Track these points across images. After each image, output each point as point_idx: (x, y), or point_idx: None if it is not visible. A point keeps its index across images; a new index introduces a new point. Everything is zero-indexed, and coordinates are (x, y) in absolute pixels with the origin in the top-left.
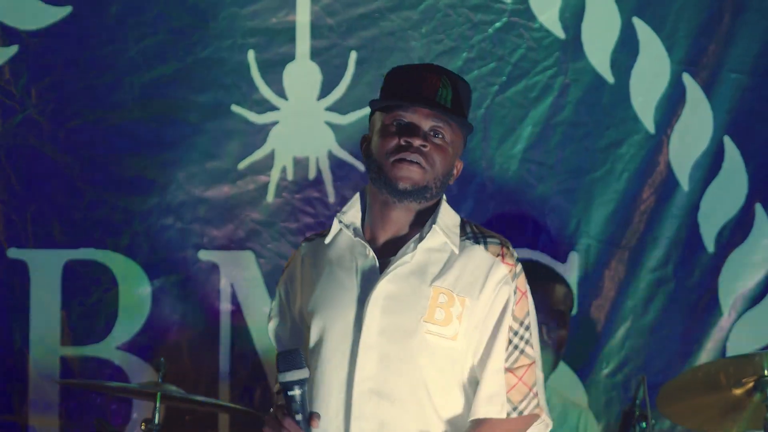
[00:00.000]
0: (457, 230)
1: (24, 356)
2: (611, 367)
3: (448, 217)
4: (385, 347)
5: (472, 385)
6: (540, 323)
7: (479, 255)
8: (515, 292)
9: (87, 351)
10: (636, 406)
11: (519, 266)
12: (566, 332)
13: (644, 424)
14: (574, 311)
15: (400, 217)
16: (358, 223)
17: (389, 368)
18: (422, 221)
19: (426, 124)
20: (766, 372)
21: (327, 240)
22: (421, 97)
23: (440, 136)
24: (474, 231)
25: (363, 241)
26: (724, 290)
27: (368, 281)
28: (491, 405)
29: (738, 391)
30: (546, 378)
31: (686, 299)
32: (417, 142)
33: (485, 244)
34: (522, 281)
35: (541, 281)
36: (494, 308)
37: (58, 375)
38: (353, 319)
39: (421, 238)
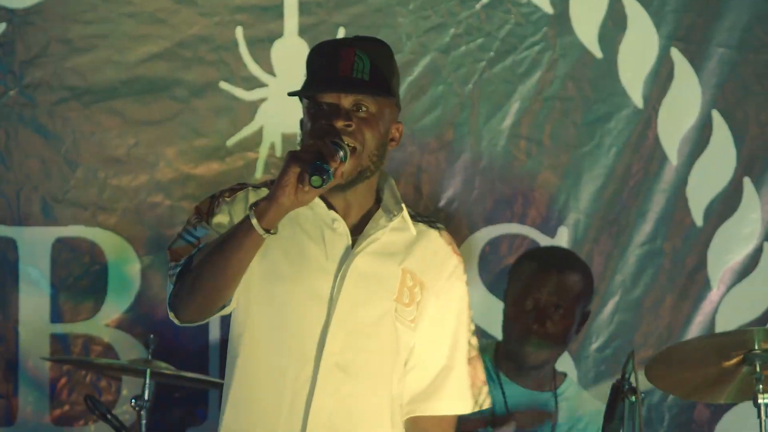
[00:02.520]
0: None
1: (13, 334)
2: (600, 341)
3: (399, 195)
4: (354, 323)
5: (408, 371)
6: (552, 305)
7: (435, 240)
8: (466, 284)
9: (76, 328)
10: (625, 380)
11: (462, 257)
12: (571, 322)
13: (633, 398)
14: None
15: (348, 195)
16: None
17: (356, 344)
18: (372, 196)
19: (347, 101)
20: (756, 347)
21: None
22: (337, 76)
23: (364, 109)
24: (420, 213)
25: (335, 214)
26: (713, 264)
27: (340, 256)
28: (461, 400)
29: (727, 364)
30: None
31: (675, 273)
32: (339, 124)
33: (438, 230)
34: (465, 271)
35: (557, 265)
36: (449, 300)
37: (47, 352)
38: (326, 294)
39: (387, 214)
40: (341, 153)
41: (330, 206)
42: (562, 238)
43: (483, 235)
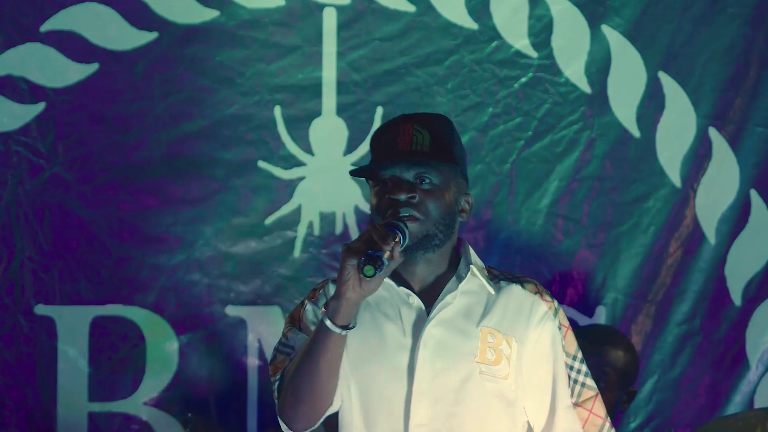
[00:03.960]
0: (486, 272)
1: (51, 412)
2: (639, 420)
3: (476, 259)
4: (438, 391)
5: (531, 429)
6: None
7: (518, 294)
8: (560, 328)
9: (114, 407)
10: None
11: (556, 302)
12: (614, 396)
13: None
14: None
15: (422, 267)
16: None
17: (444, 412)
18: (449, 264)
19: (409, 175)
20: None
21: None
22: (397, 150)
23: (427, 180)
24: (503, 272)
25: (407, 290)
26: (751, 343)
27: (415, 328)
28: None
29: None
30: None
31: (713, 353)
32: (402, 196)
33: (521, 283)
34: (563, 316)
35: (599, 341)
36: (542, 347)
37: (85, 431)
38: (405, 367)
39: (459, 280)
40: (397, 233)
41: (404, 282)
42: (600, 318)
43: None
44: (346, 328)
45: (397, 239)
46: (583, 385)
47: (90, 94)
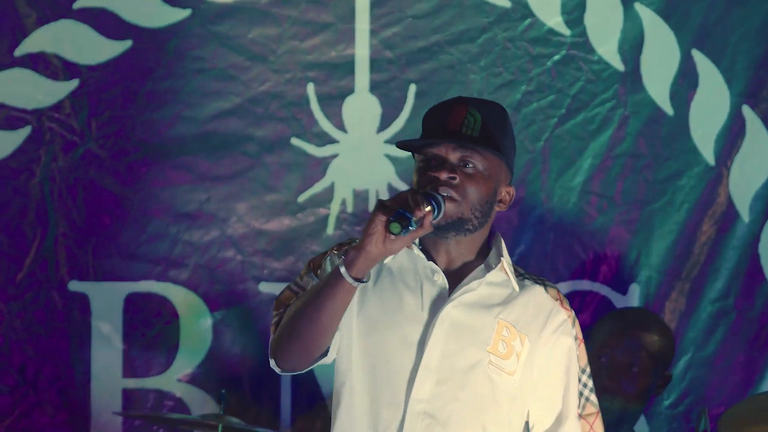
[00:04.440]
0: (513, 269)
1: (86, 389)
2: (673, 398)
3: (506, 253)
4: (444, 371)
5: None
6: (627, 363)
7: (540, 296)
8: (575, 339)
9: (148, 383)
10: None
11: (573, 312)
12: (648, 380)
13: None
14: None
15: (451, 248)
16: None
17: (446, 393)
18: (478, 252)
19: (454, 156)
20: None
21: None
22: (446, 130)
23: (470, 165)
24: (528, 272)
25: (435, 266)
26: None
27: (434, 305)
28: None
29: None
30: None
31: (747, 330)
32: (443, 176)
33: (545, 286)
34: (578, 329)
35: (634, 325)
36: (558, 354)
37: (119, 407)
38: (416, 341)
39: (487, 269)
40: (433, 203)
41: (431, 258)
42: (634, 295)
43: None
44: (358, 280)
45: (429, 208)
46: (587, 399)
47: (123, 71)
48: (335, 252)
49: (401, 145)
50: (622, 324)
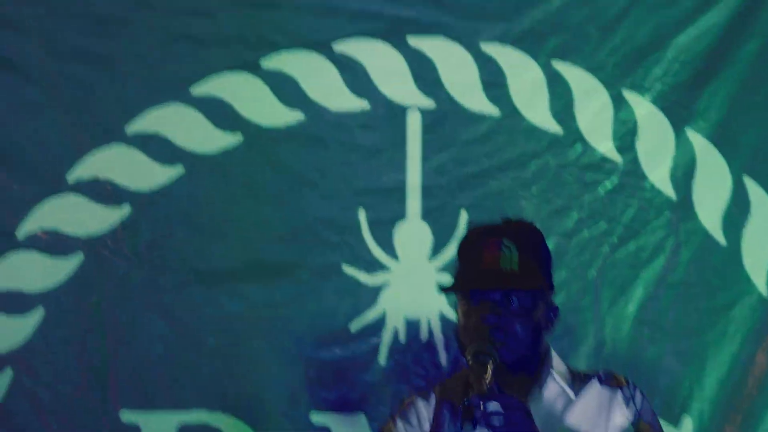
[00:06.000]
0: (569, 376)
1: None
2: None
3: (558, 363)
4: None
5: None
6: None
7: (596, 389)
8: (641, 399)
9: None
10: None
11: (633, 384)
12: None
13: None
14: None
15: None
16: None
17: None
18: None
19: (496, 294)
20: None
21: None
22: (483, 269)
23: (515, 301)
24: (583, 371)
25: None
26: None
27: None
28: None
29: None
30: None
31: None
32: (489, 318)
33: (599, 378)
34: (639, 394)
35: None
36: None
37: None
38: None
39: (540, 386)
40: (489, 369)
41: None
42: (687, 427)
43: None
44: None
45: (488, 376)
46: None
47: (176, 197)
48: (401, 416)
49: (444, 290)
50: None
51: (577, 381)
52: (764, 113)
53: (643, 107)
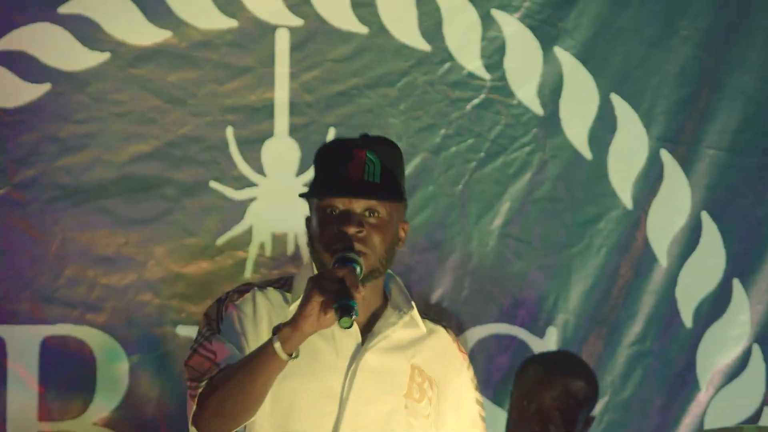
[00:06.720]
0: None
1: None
2: None
3: (409, 295)
4: (365, 420)
5: None
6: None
7: (443, 338)
8: (472, 379)
9: (64, 427)
10: None
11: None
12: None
13: None
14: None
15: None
16: None
17: None
18: (380, 294)
19: (358, 206)
20: None
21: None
22: (349, 180)
23: (375, 214)
24: (426, 312)
25: None
26: (701, 365)
27: (351, 353)
28: None
29: None
30: None
31: (664, 374)
32: (351, 230)
33: (444, 327)
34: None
35: (562, 371)
36: (465, 394)
37: None
38: (338, 390)
39: (399, 314)
40: (357, 269)
41: None
42: (551, 339)
43: (472, 335)
44: (291, 356)
45: (358, 272)
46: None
47: (42, 114)
48: (235, 302)
49: (304, 195)
50: (547, 369)
51: (422, 317)
52: (632, 33)
53: (511, 25)
